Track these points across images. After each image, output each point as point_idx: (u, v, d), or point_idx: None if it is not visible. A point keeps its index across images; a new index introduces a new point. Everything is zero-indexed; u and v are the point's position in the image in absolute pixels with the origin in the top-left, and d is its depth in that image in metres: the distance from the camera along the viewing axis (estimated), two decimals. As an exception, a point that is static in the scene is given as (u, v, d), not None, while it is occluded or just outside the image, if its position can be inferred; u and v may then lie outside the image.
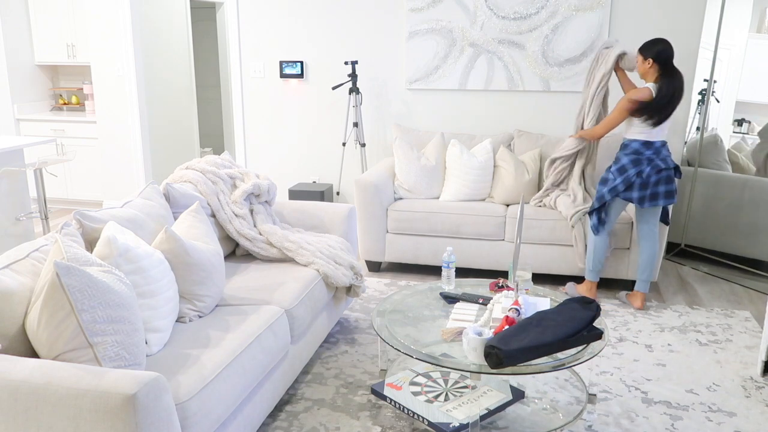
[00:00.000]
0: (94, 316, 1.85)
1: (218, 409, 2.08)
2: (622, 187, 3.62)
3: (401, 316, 2.74)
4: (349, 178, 5.37)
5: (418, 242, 4.30)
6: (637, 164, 3.58)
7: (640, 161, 3.58)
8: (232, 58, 5.39)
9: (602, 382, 2.99)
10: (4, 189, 4.32)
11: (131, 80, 5.65)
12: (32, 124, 6.21)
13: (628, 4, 4.59)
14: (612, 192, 3.65)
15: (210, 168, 3.33)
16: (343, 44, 5.13)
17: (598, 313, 2.47)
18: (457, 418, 2.48)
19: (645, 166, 3.57)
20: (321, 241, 3.31)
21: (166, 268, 2.37)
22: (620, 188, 3.62)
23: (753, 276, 4.37)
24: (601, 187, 3.73)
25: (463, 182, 4.34)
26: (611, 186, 3.65)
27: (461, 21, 4.84)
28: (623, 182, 3.61)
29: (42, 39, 6.29)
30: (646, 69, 3.57)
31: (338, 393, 2.88)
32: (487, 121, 5.00)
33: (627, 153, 3.62)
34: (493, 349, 2.20)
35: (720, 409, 2.78)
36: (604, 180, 3.72)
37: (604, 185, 3.70)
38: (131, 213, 2.62)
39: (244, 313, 2.57)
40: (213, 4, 7.81)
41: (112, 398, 1.64)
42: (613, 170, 3.67)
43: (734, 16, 4.50)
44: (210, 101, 8.27)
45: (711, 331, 3.56)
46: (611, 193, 3.65)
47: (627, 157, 3.62)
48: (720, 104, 4.66)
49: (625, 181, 3.60)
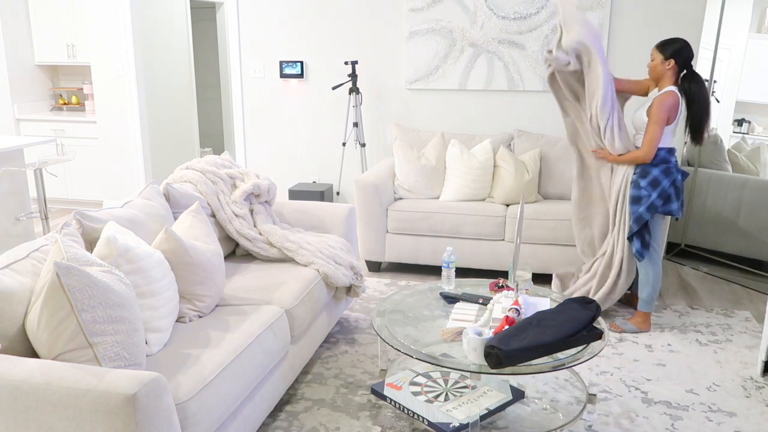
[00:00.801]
0: (94, 316, 1.85)
1: (218, 409, 2.08)
2: (661, 202, 3.34)
3: (401, 316, 2.74)
4: (349, 178, 5.37)
5: (418, 242, 4.30)
6: (668, 174, 3.34)
7: (671, 170, 3.34)
8: (232, 58, 5.39)
9: (602, 382, 2.99)
10: (4, 189, 4.32)
11: (131, 80, 5.65)
12: (32, 124, 6.21)
13: (628, 4, 4.58)
14: (651, 210, 3.34)
15: (210, 168, 3.33)
16: (343, 44, 5.13)
17: (598, 313, 2.47)
18: (457, 418, 2.48)
19: (676, 174, 3.36)
20: (321, 241, 3.31)
21: (166, 268, 2.37)
22: (659, 204, 3.34)
23: (753, 276, 4.37)
24: (635, 207, 3.37)
25: (463, 182, 4.34)
26: (648, 203, 3.33)
27: (461, 21, 4.84)
28: (660, 196, 3.33)
29: (42, 39, 6.29)
30: (664, 70, 3.32)
31: (338, 393, 2.88)
32: (487, 121, 5.00)
33: (655, 164, 3.34)
34: (493, 349, 2.20)
35: (720, 409, 2.78)
36: (636, 198, 3.37)
37: (638, 204, 3.36)
38: (131, 213, 2.62)
39: (244, 313, 2.57)
40: (213, 4, 7.81)
41: (112, 398, 1.64)
42: (644, 185, 3.34)
43: (734, 16, 4.50)
44: (210, 101, 8.27)
45: (711, 331, 3.56)
46: (650, 211, 3.34)
47: (657, 169, 3.33)
48: (720, 104, 4.66)
49: (662, 194, 3.33)
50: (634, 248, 3.43)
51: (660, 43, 3.36)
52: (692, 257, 4.74)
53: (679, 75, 3.35)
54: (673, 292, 4.14)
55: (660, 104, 3.27)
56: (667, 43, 3.33)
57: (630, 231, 3.42)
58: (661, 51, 3.32)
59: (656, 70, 3.36)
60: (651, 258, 3.45)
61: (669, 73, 3.33)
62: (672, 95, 3.27)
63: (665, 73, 3.33)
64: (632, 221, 3.39)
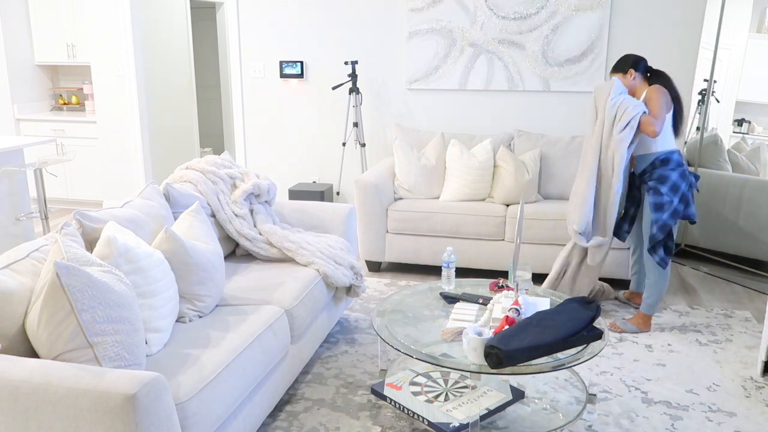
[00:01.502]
0: (94, 316, 1.85)
1: (218, 409, 2.08)
2: (682, 207, 3.30)
3: (401, 316, 2.74)
4: (349, 178, 5.37)
5: (418, 242, 4.30)
6: (684, 177, 3.32)
7: (686, 173, 3.32)
8: (232, 58, 5.39)
9: (602, 382, 2.99)
10: (4, 189, 4.32)
11: (131, 80, 5.65)
12: (32, 124, 6.21)
13: (628, 4, 4.58)
14: (675, 216, 3.29)
15: (210, 168, 3.33)
16: (343, 44, 5.13)
17: (598, 313, 2.47)
18: (457, 418, 2.48)
19: (691, 176, 3.34)
20: (321, 241, 3.31)
21: (166, 268, 2.37)
22: (680, 208, 3.30)
23: (753, 276, 4.37)
24: (658, 215, 3.29)
25: (463, 182, 4.34)
26: (671, 210, 3.28)
27: (461, 21, 4.84)
28: (681, 201, 3.30)
29: (42, 39, 6.29)
30: (633, 83, 3.43)
31: (338, 393, 2.88)
32: (487, 121, 5.00)
33: (672, 168, 3.29)
34: (493, 349, 2.20)
35: (720, 409, 2.78)
36: (659, 205, 3.29)
37: (661, 211, 3.29)
38: (131, 213, 2.62)
39: (244, 313, 2.57)
40: (213, 4, 7.81)
41: (112, 398, 1.64)
42: (666, 191, 3.29)
43: (734, 16, 4.50)
44: (210, 101, 8.27)
45: (711, 331, 3.56)
46: (674, 218, 3.29)
47: (675, 173, 3.29)
48: (720, 104, 4.66)
49: (683, 198, 3.31)
50: (658, 257, 3.34)
51: (612, 69, 3.50)
52: (692, 257, 4.74)
53: (646, 79, 3.45)
54: (673, 292, 4.14)
55: (656, 91, 3.29)
56: (618, 64, 3.46)
57: (653, 239, 3.32)
58: (619, 70, 3.45)
59: (627, 85, 3.45)
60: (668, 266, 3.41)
61: (638, 82, 3.44)
62: (659, 88, 3.31)
63: (635, 85, 3.45)
64: (656, 230, 3.30)
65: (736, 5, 4.48)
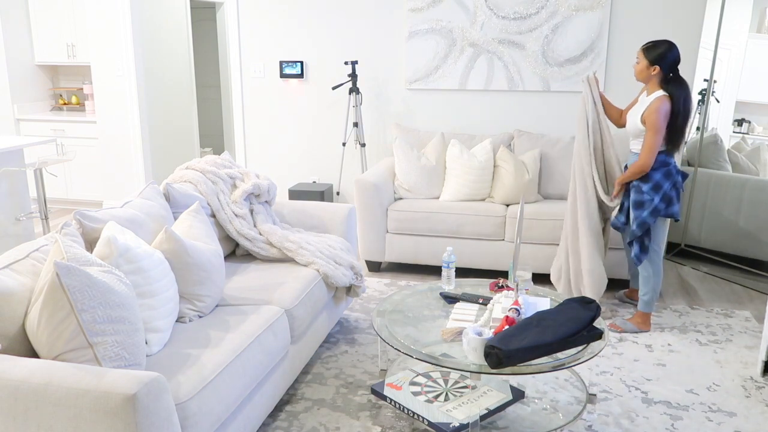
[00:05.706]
0: (94, 316, 1.85)
1: (218, 409, 2.08)
2: (663, 205, 3.33)
3: (401, 316, 2.74)
4: (349, 178, 5.37)
5: (418, 242, 4.30)
6: (669, 176, 3.32)
7: (671, 172, 3.33)
8: (232, 58, 5.39)
9: (602, 382, 2.99)
10: (4, 189, 4.32)
11: (131, 80, 5.65)
12: (32, 124, 6.21)
13: (628, 4, 4.58)
14: (654, 214, 3.32)
15: (210, 168, 3.33)
16: (343, 44, 5.13)
17: (598, 313, 2.47)
18: (457, 418, 2.48)
19: (676, 176, 3.34)
20: (321, 241, 3.31)
21: (166, 268, 2.37)
22: (662, 207, 3.32)
23: (753, 276, 4.37)
24: (638, 212, 3.35)
25: (463, 182, 4.34)
26: (651, 208, 3.31)
27: (461, 21, 4.84)
28: (662, 200, 3.32)
29: (42, 39, 6.29)
30: (649, 75, 3.29)
31: (338, 393, 2.88)
32: (487, 121, 5.00)
33: (655, 168, 3.31)
34: (493, 349, 2.20)
35: (720, 409, 2.78)
36: (639, 203, 3.35)
37: (641, 209, 3.34)
38: (131, 213, 2.62)
39: (244, 313, 2.57)
40: (213, 4, 7.81)
41: (112, 398, 1.64)
42: (646, 190, 3.32)
43: (734, 16, 4.50)
44: (210, 101, 8.27)
45: (711, 331, 3.56)
46: (654, 216, 3.32)
47: (657, 172, 3.31)
48: (720, 104, 4.66)
49: (665, 197, 3.32)
50: (633, 252, 3.41)
51: (645, 46, 3.30)
52: (692, 257, 4.74)
53: (665, 78, 3.28)
54: (673, 292, 4.14)
55: (657, 111, 3.21)
56: (652, 47, 3.26)
57: (632, 235, 3.40)
58: (646, 55, 3.27)
59: (642, 74, 3.32)
60: (651, 260, 3.44)
61: (655, 78, 3.28)
62: (665, 100, 3.22)
63: (651, 78, 3.30)
64: (635, 226, 3.36)
65: (736, 5, 4.48)
